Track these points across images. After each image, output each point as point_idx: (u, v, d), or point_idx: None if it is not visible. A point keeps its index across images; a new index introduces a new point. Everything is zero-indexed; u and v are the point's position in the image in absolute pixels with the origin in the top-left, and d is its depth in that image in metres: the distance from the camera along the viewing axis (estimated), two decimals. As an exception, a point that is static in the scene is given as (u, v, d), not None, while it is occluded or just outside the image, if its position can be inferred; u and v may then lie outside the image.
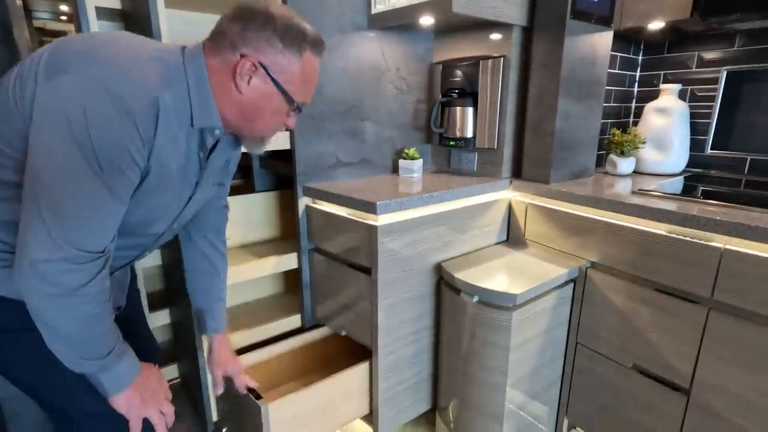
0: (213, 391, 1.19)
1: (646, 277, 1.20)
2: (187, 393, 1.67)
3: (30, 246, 0.64)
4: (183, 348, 1.63)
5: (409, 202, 1.28)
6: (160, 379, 0.88)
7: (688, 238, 1.10)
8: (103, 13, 1.35)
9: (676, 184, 1.51)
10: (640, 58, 1.82)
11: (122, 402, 0.79)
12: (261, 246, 1.71)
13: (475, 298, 1.27)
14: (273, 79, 0.76)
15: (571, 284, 1.39)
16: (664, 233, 1.15)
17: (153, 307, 1.63)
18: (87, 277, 0.69)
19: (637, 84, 1.86)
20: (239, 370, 1.17)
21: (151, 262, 1.61)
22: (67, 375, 0.75)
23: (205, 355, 1.19)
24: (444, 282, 1.40)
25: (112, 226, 0.72)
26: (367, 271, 1.31)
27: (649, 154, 1.66)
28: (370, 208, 1.23)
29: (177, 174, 0.80)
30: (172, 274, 1.58)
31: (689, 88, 1.69)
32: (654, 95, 1.74)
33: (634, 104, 1.89)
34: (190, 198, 0.87)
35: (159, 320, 1.65)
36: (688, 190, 1.42)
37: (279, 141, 1.41)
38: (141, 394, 0.81)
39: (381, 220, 1.24)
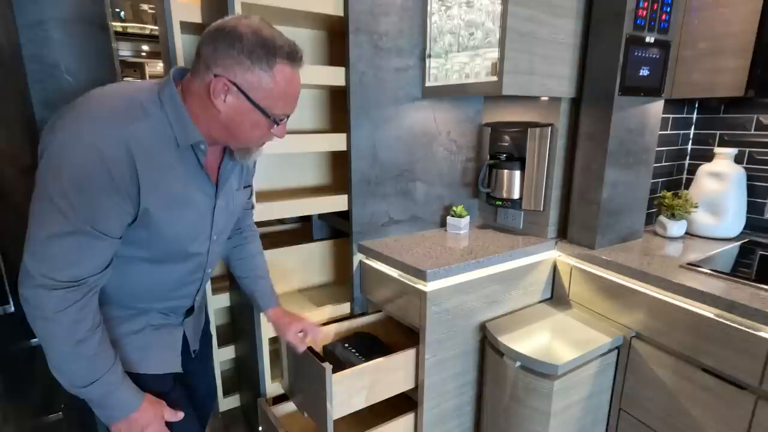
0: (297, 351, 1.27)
1: (692, 355, 1.22)
2: (248, 423, 1.84)
3: (19, 275, 0.76)
4: (245, 380, 1.81)
5: (457, 269, 1.37)
6: (151, 421, 0.89)
7: (735, 325, 1.11)
8: (186, 27, 1.51)
9: (731, 254, 1.49)
10: (695, 116, 1.81)
11: None
12: (317, 290, 1.86)
13: (518, 363, 1.34)
14: (246, 96, 0.79)
15: (615, 351, 1.41)
16: (711, 316, 1.16)
17: (220, 343, 1.82)
18: (63, 303, 0.75)
19: (691, 142, 1.84)
20: (306, 323, 1.22)
21: (220, 303, 1.80)
22: None
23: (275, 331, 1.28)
24: (488, 342, 1.47)
25: (86, 259, 0.77)
26: (415, 329, 1.41)
27: (702, 218, 1.64)
28: (420, 275, 1.33)
29: (184, 191, 0.86)
30: (239, 313, 1.76)
31: (747, 150, 1.66)
32: (709, 154, 1.72)
33: (687, 161, 1.87)
34: (215, 207, 0.94)
35: (225, 355, 1.84)
36: (743, 265, 1.41)
37: (337, 203, 1.56)
38: (129, 429, 0.87)
39: (430, 286, 1.34)
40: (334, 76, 1.45)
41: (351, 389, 1.32)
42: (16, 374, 0.85)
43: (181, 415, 0.95)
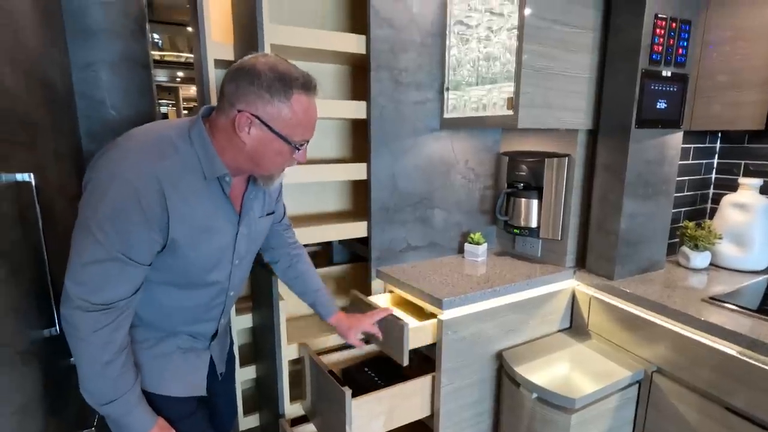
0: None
1: (716, 394, 1.19)
2: (266, 442, 1.87)
3: (62, 296, 0.82)
4: (265, 400, 1.85)
5: (473, 297, 1.39)
6: None
7: (759, 364, 1.09)
8: (220, 63, 1.59)
9: (759, 288, 1.46)
10: (718, 145, 1.79)
11: None
12: (336, 313, 1.90)
13: (534, 395, 1.33)
14: (268, 127, 0.86)
15: (636, 385, 1.39)
16: (734, 354, 1.14)
17: (242, 363, 1.87)
18: (96, 324, 0.81)
19: (714, 171, 1.82)
20: (365, 325, 1.33)
21: (243, 324, 1.86)
22: None
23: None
24: (504, 372, 1.47)
25: (118, 284, 0.83)
26: (431, 356, 1.42)
27: (726, 249, 1.61)
28: (436, 303, 1.36)
29: (210, 220, 0.92)
30: (260, 334, 1.81)
31: (773, 180, 1.63)
32: (734, 184, 1.70)
33: (712, 190, 1.84)
34: (237, 234, 0.99)
35: (246, 375, 1.89)
36: (768, 298, 1.37)
37: (357, 230, 1.61)
38: None
39: (446, 314, 1.36)
40: (356, 109, 1.52)
41: (370, 414, 1.34)
42: (57, 391, 0.92)
43: None
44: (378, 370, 1.50)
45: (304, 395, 1.56)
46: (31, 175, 0.79)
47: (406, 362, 1.31)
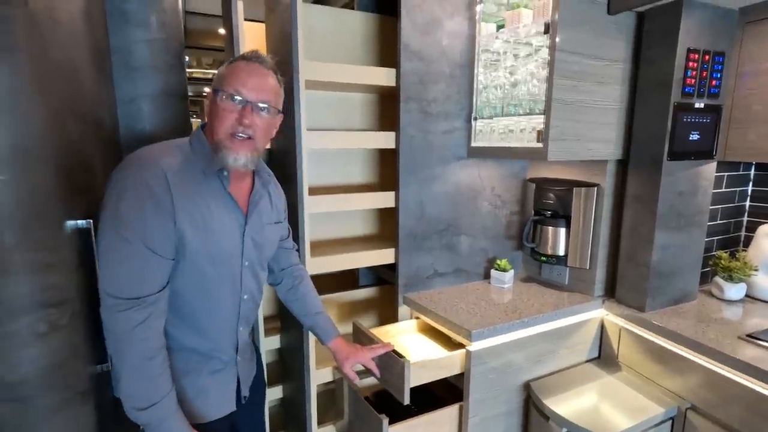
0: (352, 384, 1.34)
1: (754, 435, 1.16)
2: (291, 462, 1.89)
3: None
4: (292, 421, 1.87)
5: (501, 328, 1.40)
6: None
7: (802, 409, 1.06)
8: None
9: (796, 322, 1.42)
10: (752, 173, 1.76)
11: None
12: (361, 336, 1.92)
13: (564, 430, 1.32)
14: (213, 89, 0.96)
15: (669, 422, 1.36)
16: (773, 397, 1.11)
17: (269, 383, 1.91)
18: (130, 323, 0.84)
19: (749, 199, 1.78)
20: (362, 358, 1.29)
21: (271, 345, 1.90)
22: None
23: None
24: (532, 403, 1.46)
25: (144, 278, 0.87)
26: (458, 386, 1.43)
27: (762, 281, 1.57)
28: (465, 333, 1.37)
29: (212, 213, 0.96)
30: (288, 355, 1.85)
31: (812, 211, 1.59)
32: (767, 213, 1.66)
33: (746, 218, 1.80)
34: (244, 234, 1.02)
35: (273, 395, 1.92)
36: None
37: (384, 257, 1.63)
38: None
39: (475, 345, 1.36)
40: (386, 140, 1.55)
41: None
42: (106, 422, 0.96)
43: None
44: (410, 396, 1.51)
45: (342, 415, 1.58)
46: (90, 221, 0.84)
47: (407, 401, 1.28)
